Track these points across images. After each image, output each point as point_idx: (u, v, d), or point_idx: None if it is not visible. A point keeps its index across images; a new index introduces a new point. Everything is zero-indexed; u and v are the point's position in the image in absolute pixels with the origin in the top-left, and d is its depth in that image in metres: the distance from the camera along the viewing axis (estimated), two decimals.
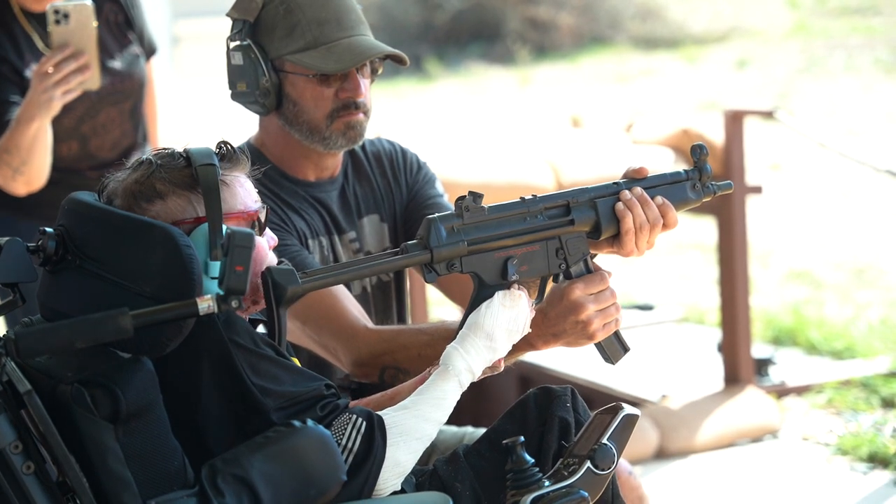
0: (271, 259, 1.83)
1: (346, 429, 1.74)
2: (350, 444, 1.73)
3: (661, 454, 3.91)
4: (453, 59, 13.57)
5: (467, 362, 1.82)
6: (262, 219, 1.84)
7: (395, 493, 1.80)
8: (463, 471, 1.90)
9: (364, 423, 1.75)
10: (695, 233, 6.77)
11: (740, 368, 4.16)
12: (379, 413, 1.78)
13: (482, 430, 2.20)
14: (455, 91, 12.34)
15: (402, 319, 2.48)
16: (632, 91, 11.33)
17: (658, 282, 6.12)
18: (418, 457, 1.79)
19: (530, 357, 4.39)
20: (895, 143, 8.28)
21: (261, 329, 1.85)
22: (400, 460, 1.76)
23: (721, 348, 4.28)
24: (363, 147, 2.41)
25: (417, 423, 1.78)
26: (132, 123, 3.00)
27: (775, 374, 4.36)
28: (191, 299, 1.64)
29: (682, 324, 5.31)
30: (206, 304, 1.63)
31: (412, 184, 2.44)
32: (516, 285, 1.89)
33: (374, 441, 1.74)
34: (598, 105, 10.30)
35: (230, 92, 2.31)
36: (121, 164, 1.85)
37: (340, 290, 2.22)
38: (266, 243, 1.83)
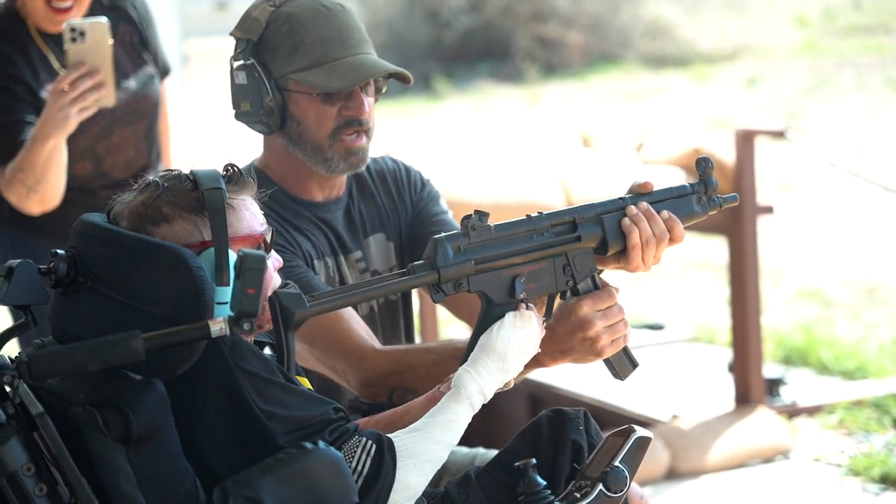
0: (276, 281, 1.83)
1: (355, 452, 1.73)
2: (360, 467, 1.73)
3: (672, 475, 3.89)
4: (462, 77, 13.59)
5: (479, 385, 1.82)
6: (268, 241, 1.84)
7: None
8: (474, 493, 1.89)
9: (374, 445, 1.74)
10: (705, 252, 6.76)
11: (751, 388, 4.14)
12: (389, 436, 1.77)
13: (493, 452, 2.19)
14: (464, 110, 12.36)
15: (409, 338, 2.48)
16: (641, 109, 11.34)
17: (668, 301, 6.11)
18: (429, 479, 1.79)
19: (541, 376, 4.38)
20: None
21: (267, 351, 1.85)
22: (410, 483, 1.75)
23: (732, 368, 4.26)
24: (367, 166, 2.40)
25: (428, 445, 1.78)
26: (146, 143, 3.01)
27: (786, 395, 4.34)
28: (202, 321, 1.64)
29: (692, 343, 5.30)
30: (217, 326, 1.63)
31: (417, 201, 2.44)
32: (525, 305, 1.88)
33: (384, 464, 1.73)
34: (607, 123, 10.31)
35: (234, 112, 2.31)
36: (131, 183, 1.85)
37: (347, 311, 2.22)
38: (272, 265, 1.83)
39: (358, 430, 1.77)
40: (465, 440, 1.99)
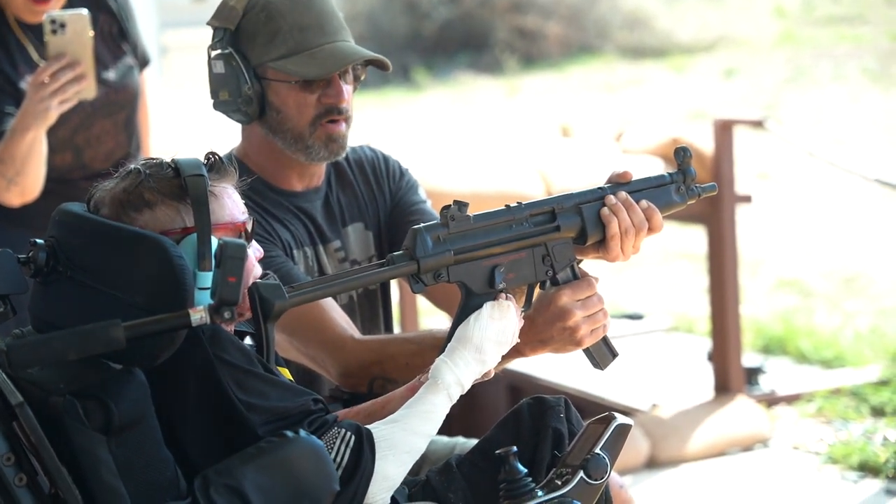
0: (257, 270, 1.83)
1: (334, 443, 1.74)
2: (339, 459, 1.73)
3: (652, 463, 3.91)
4: (441, 68, 13.58)
5: (456, 375, 1.82)
6: (249, 230, 1.84)
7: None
8: (456, 481, 1.90)
9: (353, 436, 1.74)
10: (684, 242, 6.78)
11: (730, 377, 4.16)
12: (368, 427, 1.78)
13: (474, 441, 2.20)
14: (443, 100, 12.35)
15: (388, 328, 2.48)
16: (620, 100, 11.35)
17: (647, 291, 6.13)
18: (408, 470, 1.79)
19: (521, 366, 4.39)
20: (883, 152, 8.31)
21: (248, 341, 1.85)
22: (389, 474, 1.75)
23: (711, 357, 4.28)
24: (346, 155, 2.40)
25: (406, 436, 1.78)
26: (126, 135, 3.00)
27: (765, 383, 4.36)
28: (183, 310, 1.63)
29: (671, 333, 5.32)
30: (198, 315, 1.63)
31: (395, 190, 2.44)
32: (504, 296, 1.89)
33: (363, 455, 1.74)
34: (586, 114, 10.32)
35: (212, 101, 2.30)
36: (112, 173, 1.85)
37: (327, 302, 2.21)
38: (252, 254, 1.83)
39: (337, 422, 1.77)
40: (446, 429, 2.00)
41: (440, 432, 2.44)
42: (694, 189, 2.07)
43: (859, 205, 7.31)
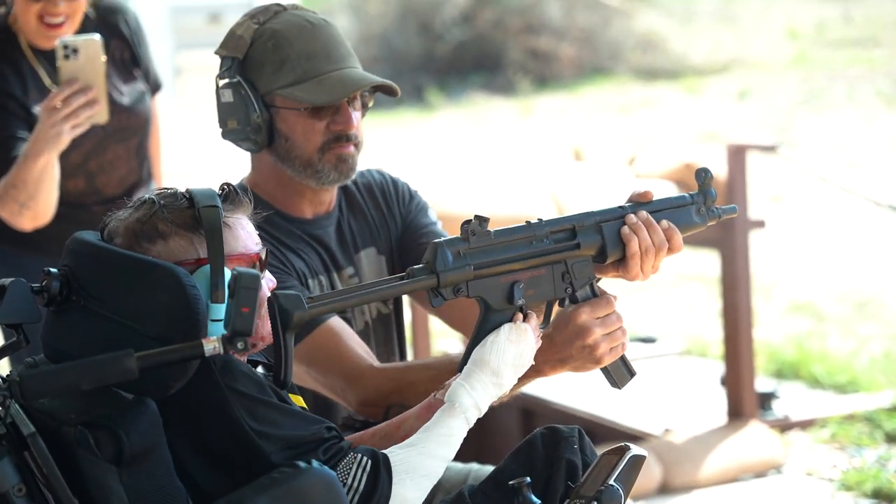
0: None
1: (351, 468, 1.73)
2: (355, 484, 1.72)
3: (665, 489, 3.89)
4: (455, 89, 13.60)
5: (474, 399, 1.82)
6: (263, 260, 1.84)
7: None
8: None
9: (369, 461, 1.74)
10: (698, 265, 6.76)
11: (743, 402, 4.14)
12: (384, 451, 1.77)
13: (488, 468, 2.19)
14: (456, 121, 12.37)
15: (402, 351, 2.47)
16: (633, 122, 11.35)
17: (660, 314, 6.11)
18: (426, 494, 1.78)
19: (534, 390, 4.37)
20: (895, 176, 8.29)
21: (260, 370, 1.84)
22: (407, 497, 1.75)
23: (724, 382, 4.26)
24: (354, 180, 2.40)
25: (424, 460, 1.77)
26: (138, 160, 3.01)
27: (778, 409, 4.34)
28: (196, 340, 1.63)
29: (684, 357, 5.30)
30: (211, 345, 1.62)
31: (405, 213, 2.44)
32: (521, 317, 1.88)
33: (380, 479, 1.73)
34: (599, 135, 10.32)
35: (221, 130, 2.30)
36: (125, 201, 1.85)
37: (344, 331, 2.21)
38: (266, 285, 1.83)
39: (352, 448, 1.76)
40: (459, 455, 1.99)
41: (456, 457, 2.44)
42: (714, 211, 2.06)
43: (872, 229, 7.28)
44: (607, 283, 2.05)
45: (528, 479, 1.78)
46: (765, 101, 11.46)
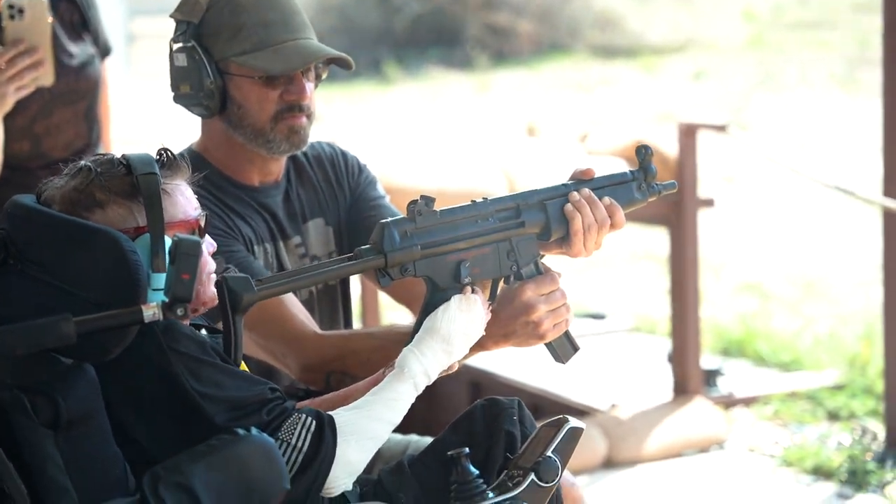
0: (211, 265, 1.82)
1: (295, 428, 1.74)
2: (300, 444, 1.73)
3: (609, 463, 3.93)
4: (412, 63, 13.57)
5: (423, 365, 1.83)
6: (202, 225, 1.83)
7: (337, 500, 1.80)
8: (408, 481, 1.90)
9: (314, 422, 1.75)
10: (648, 243, 6.81)
11: (689, 379, 4.19)
12: (329, 413, 1.78)
13: (427, 440, 2.21)
14: (414, 95, 12.35)
15: (348, 323, 2.48)
16: (589, 100, 11.39)
17: (610, 291, 6.15)
18: (369, 456, 1.79)
19: (482, 363, 4.40)
20: (848, 157, 8.38)
21: (203, 332, 1.84)
22: (351, 458, 1.75)
23: (671, 359, 4.31)
24: (304, 151, 2.40)
25: (369, 422, 1.78)
26: (86, 124, 2.98)
27: (723, 386, 4.40)
28: (136, 306, 1.63)
29: (633, 333, 5.35)
30: (151, 311, 1.62)
31: (354, 186, 2.44)
32: (470, 289, 1.90)
33: (325, 439, 1.74)
34: (556, 112, 10.34)
35: (173, 94, 2.29)
36: (61, 167, 1.83)
37: (288, 296, 2.21)
38: (206, 249, 1.82)
39: (296, 409, 1.77)
40: (403, 427, 2.00)
41: (398, 429, 2.45)
42: (654, 186, 2.09)
43: (822, 211, 7.37)
44: (553, 259, 2.07)
45: (467, 449, 1.80)
46: (720, 81, 11.54)
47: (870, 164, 7.03)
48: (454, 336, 1.85)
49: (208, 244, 1.83)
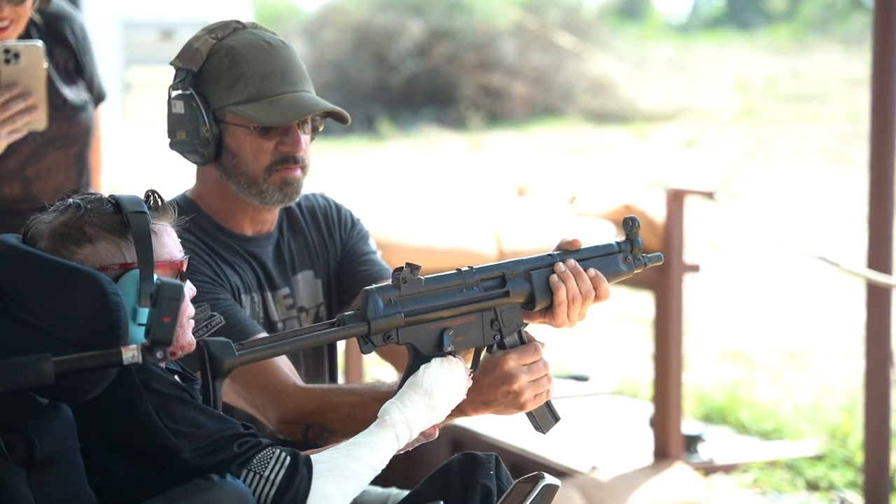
0: (191, 310, 1.84)
1: (269, 462, 1.74)
2: (273, 476, 1.73)
3: None
4: (406, 121, 13.67)
5: (405, 416, 1.83)
6: (184, 269, 1.85)
7: None
8: None
9: (288, 457, 1.75)
10: (633, 307, 6.83)
11: (670, 444, 4.19)
12: (306, 453, 1.78)
13: (406, 493, 2.20)
14: (406, 152, 12.42)
15: (333, 377, 2.48)
16: (581, 163, 11.47)
17: (595, 353, 6.16)
18: (348, 497, 1.78)
19: (464, 422, 4.39)
20: (835, 230, 8.43)
21: (176, 379, 1.84)
22: (327, 493, 1.75)
23: (652, 423, 4.30)
24: (298, 202, 2.42)
25: (348, 461, 1.78)
26: (77, 169, 2.99)
27: (704, 452, 4.39)
28: (116, 348, 1.63)
29: (616, 396, 5.34)
30: (130, 353, 1.62)
31: (346, 240, 2.45)
32: (452, 357, 1.91)
33: (299, 473, 1.74)
34: (546, 174, 10.41)
35: (169, 140, 2.31)
36: (47, 205, 1.84)
37: None
38: (188, 294, 1.83)
39: (272, 445, 1.77)
40: (384, 480, 1.99)
41: (377, 482, 2.44)
42: (641, 259, 2.10)
43: (806, 281, 7.41)
44: (536, 327, 2.08)
45: (442, 502, 1.80)
46: (711, 150, 11.64)
47: (856, 237, 7.08)
48: (436, 391, 1.86)
49: (189, 288, 1.85)
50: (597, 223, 4.23)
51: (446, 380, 1.87)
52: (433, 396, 1.85)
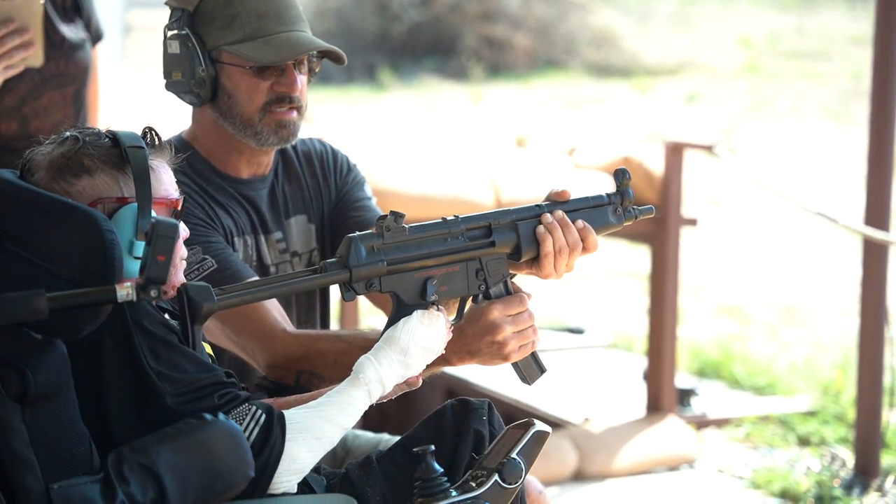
0: (184, 251, 1.84)
1: (244, 419, 1.74)
2: (247, 435, 1.73)
3: (579, 476, 3.94)
4: (407, 70, 13.59)
5: (379, 373, 1.83)
6: (180, 209, 1.84)
7: (302, 491, 1.81)
8: (374, 476, 1.91)
9: (264, 415, 1.75)
10: (631, 260, 6.83)
11: (663, 397, 4.21)
12: (282, 411, 1.78)
13: (398, 439, 2.21)
14: (407, 103, 12.36)
15: (325, 324, 2.48)
16: (581, 116, 11.42)
17: (591, 306, 6.17)
18: (317, 457, 1.79)
19: (458, 371, 4.40)
20: (833, 188, 8.42)
21: (166, 317, 1.84)
22: (297, 456, 1.75)
23: (646, 376, 4.32)
24: (294, 146, 2.41)
25: (320, 422, 1.78)
26: (74, 108, 2.98)
27: (697, 405, 4.41)
28: (110, 285, 1.63)
29: (610, 349, 5.36)
30: (124, 291, 1.62)
31: (341, 185, 2.44)
32: (435, 307, 1.90)
33: (273, 434, 1.74)
34: (546, 127, 10.37)
35: (165, 81, 2.30)
36: (42, 138, 1.84)
37: None
38: (182, 234, 1.83)
39: (249, 399, 1.77)
40: (378, 427, 2.00)
41: (369, 429, 2.45)
42: (631, 211, 2.09)
43: (804, 237, 7.41)
44: (527, 280, 2.07)
45: (433, 446, 1.81)
46: (712, 105, 11.59)
47: (854, 195, 7.07)
48: (412, 348, 1.85)
49: (182, 229, 1.84)
50: (595, 175, 4.22)
51: (424, 336, 1.86)
52: (409, 354, 1.85)
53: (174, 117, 2.90)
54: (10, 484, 1.61)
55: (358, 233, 1.87)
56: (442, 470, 1.80)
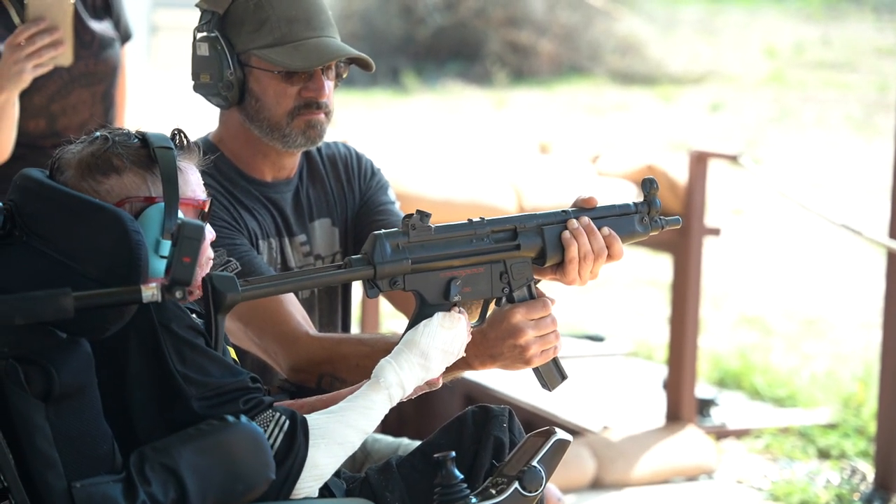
0: (209, 253, 1.84)
1: (268, 425, 1.75)
2: (271, 441, 1.73)
3: (597, 484, 3.94)
4: (431, 75, 13.60)
5: (399, 377, 1.83)
6: (207, 211, 1.85)
7: (322, 496, 1.81)
8: (394, 481, 1.91)
9: (287, 421, 1.75)
10: (653, 269, 6.82)
11: (682, 407, 4.20)
12: (304, 416, 1.79)
13: (418, 443, 2.21)
14: (430, 107, 12.37)
15: (346, 326, 2.48)
16: (605, 123, 11.41)
17: (612, 314, 6.16)
18: (338, 462, 1.79)
19: (477, 377, 4.40)
20: (857, 200, 8.38)
21: (194, 317, 1.85)
22: (319, 462, 1.76)
23: (666, 386, 4.31)
24: (319, 150, 2.41)
25: (341, 427, 1.78)
26: (102, 107, 3.00)
27: (717, 416, 4.40)
28: (135, 286, 1.64)
29: (630, 358, 5.35)
30: (150, 291, 1.63)
31: (365, 189, 2.45)
32: (457, 308, 1.90)
33: (297, 440, 1.74)
34: (570, 133, 10.36)
35: (193, 83, 2.31)
36: (73, 138, 1.85)
37: (286, 294, 2.22)
38: (208, 235, 1.83)
39: (273, 405, 1.78)
40: (396, 431, 2.00)
41: (388, 433, 2.45)
42: (658, 221, 2.08)
43: (827, 249, 7.37)
44: (550, 285, 2.07)
45: (453, 453, 1.80)
46: (736, 115, 11.55)
47: (878, 207, 7.03)
48: (432, 352, 1.85)
49: (209, 231, 1.85)
50: (619, 183, 4.22)
51: (444, 339, 1.86)
52: (428, 357, 1.84)
53: (200, 118, 2.91)
54: (32, 481, 1.62)
55: (384, 231, 1.87)
56: (462, 476, 1.80)
